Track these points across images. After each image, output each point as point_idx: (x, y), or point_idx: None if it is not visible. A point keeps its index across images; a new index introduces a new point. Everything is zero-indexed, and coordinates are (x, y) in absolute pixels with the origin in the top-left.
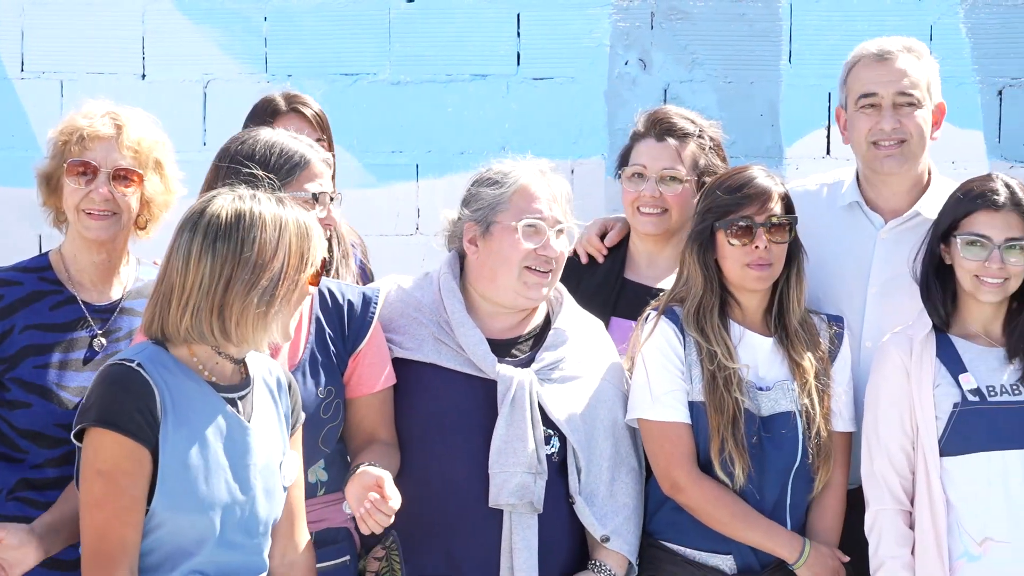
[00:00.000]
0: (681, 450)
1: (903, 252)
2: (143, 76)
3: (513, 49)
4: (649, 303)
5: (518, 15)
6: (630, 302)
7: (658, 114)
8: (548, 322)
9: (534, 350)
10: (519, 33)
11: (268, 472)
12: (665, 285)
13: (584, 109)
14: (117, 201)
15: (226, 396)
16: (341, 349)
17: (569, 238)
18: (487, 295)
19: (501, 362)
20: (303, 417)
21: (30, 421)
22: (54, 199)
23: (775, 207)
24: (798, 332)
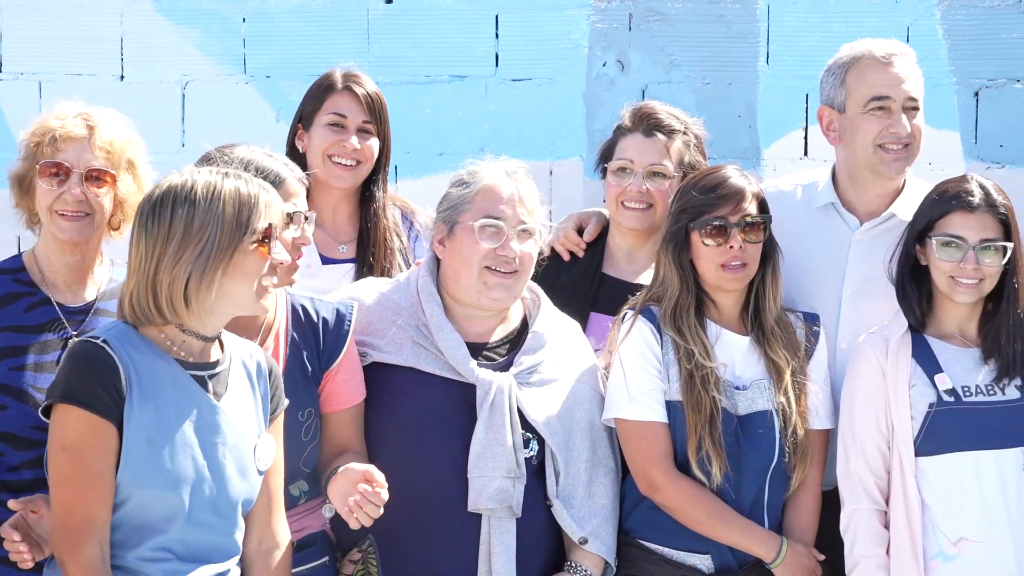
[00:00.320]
0: (658, 449)
1: (878, 254)
2: (122, 77)
3: (491, 50)
4: (628, 298)
5: (496, 16)
6: (609, 297)
7: (645, 109)
8: (526, 325)
9: (512, 353)
10: (497, 34)
11: (239, 452)
12: (644, 280)
13: (562, 110)
14: (90, 202)
15: (195, 374)
16: (316, 366)
17: (538, 239)
18: (455, 296)
19: (480, 366)
20: (286, 403)
21: (5, 423)
22: (27, 201)
23: (749, 207)
24: (774, 331)
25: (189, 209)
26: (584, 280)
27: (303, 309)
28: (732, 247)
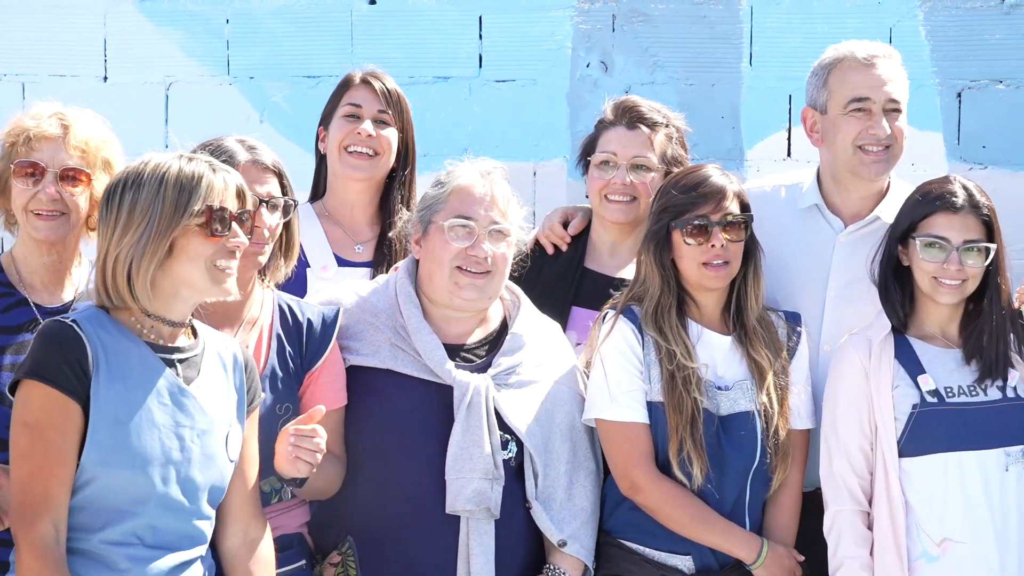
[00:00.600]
0: (640, 450)
1: (862, 256)
2: (105, 78)
3: (475, 51)
4: (610, 293)
5: (480, 17)
6: (591, 292)
7: (627, 102)
8: (505, 326)
9: (491, 355)
10: (481, 35)
11: (208, 438)
12: (626, 275)
13: (546, 111)
14: (65, 201)
15: (165, 357)
16: (298, 366)
17: (513, 241)
18: (431, 296)
19: (458, 367)
20: (263, 397)
21: None
22: (3, 201)
23: (731, 205)
24: (756, 330)
25: (135, 193)
26: (566, 274)
27: (289, 309)
28: (714, 246)
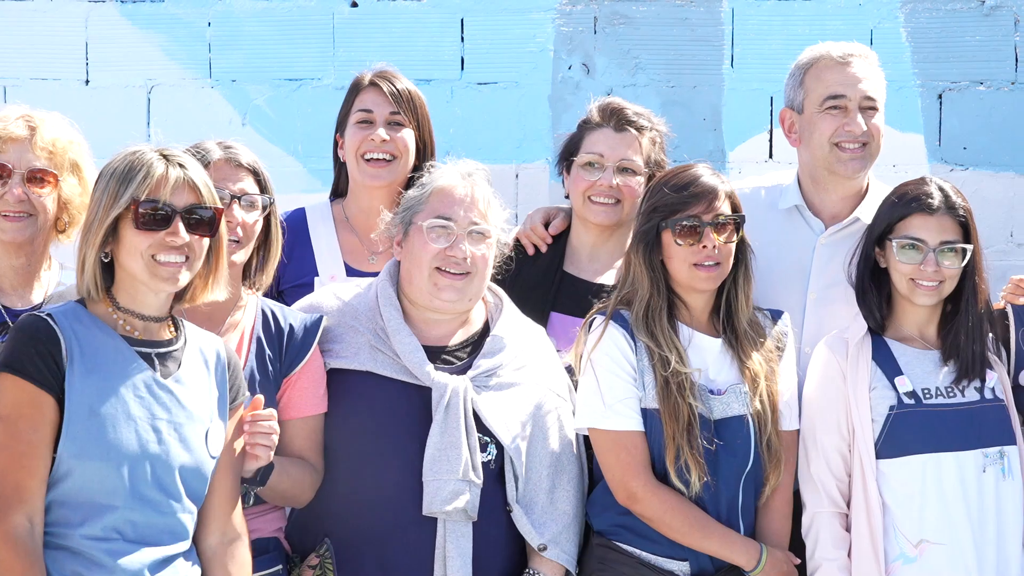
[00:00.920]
0: (637, 459)
1: (842, 258)
2: (87, 82)
3: (457, 54)
4: (588, 298)
5: (462, 20)
6: (570, 297)
7: (613, 104)
8: (488, 328)
9: (472, 357)
10: (463, 38)
11: (186, 432)
12: (605, 280)
13: (528, 113)
14: (32, 202)
15: (141, 350)
16: (277, 370)
17: (493, 242)
18: (411, 298)
19: (437, 369)
20: (246, 395)
21: None
22: None
23: (723, 206)
24: (747, 333)
25: (96, 185)
26: (545, 278)
27: (272, 315)
28: (705, 247)
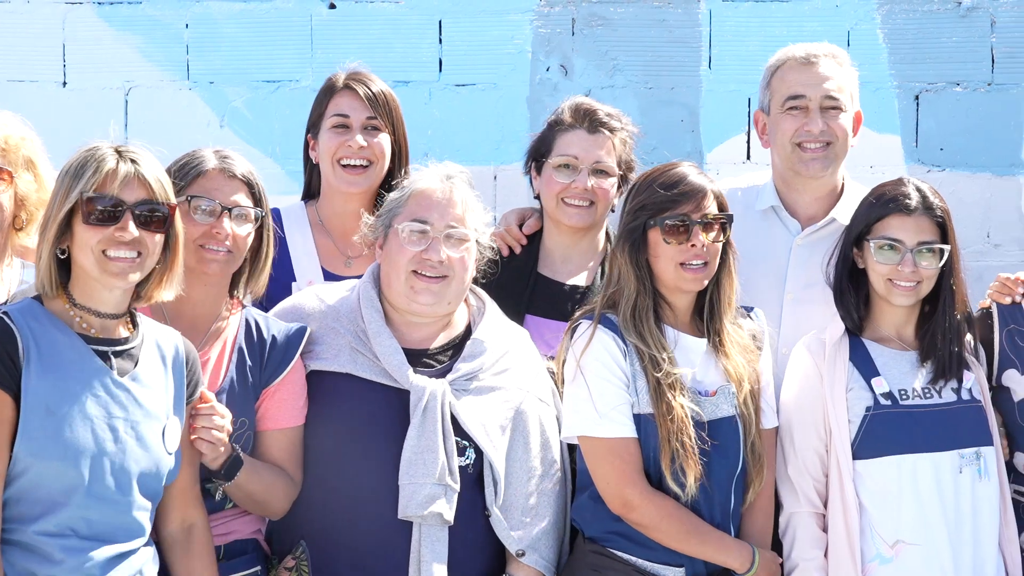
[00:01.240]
0: (632, 466)
1: (819, 259)
2: (64, 84)
3: (435, 56)
4: (562, 301)
5: (440, 22)
6: (544, 299)
7: (585, 105)
8: (470, 332)
9: (453, 360)
10: (441, 40)
11: (142, 429)
12: (577, 282)
13: (506, 115)
14: None
15: (98, 348)
16: (257, 380)
17: (473, 246)
18: (391, 301)
19: (416, 372)
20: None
21: None
22: None
23: (711, 205)
24: (731, 333)
25: (56, 181)
26: (519, 281)
27: (256, 324)
28: (694, 245)
